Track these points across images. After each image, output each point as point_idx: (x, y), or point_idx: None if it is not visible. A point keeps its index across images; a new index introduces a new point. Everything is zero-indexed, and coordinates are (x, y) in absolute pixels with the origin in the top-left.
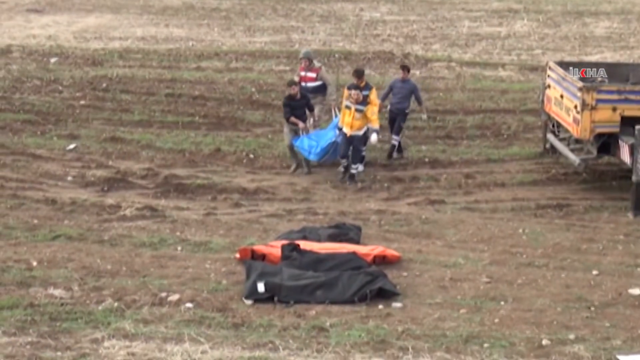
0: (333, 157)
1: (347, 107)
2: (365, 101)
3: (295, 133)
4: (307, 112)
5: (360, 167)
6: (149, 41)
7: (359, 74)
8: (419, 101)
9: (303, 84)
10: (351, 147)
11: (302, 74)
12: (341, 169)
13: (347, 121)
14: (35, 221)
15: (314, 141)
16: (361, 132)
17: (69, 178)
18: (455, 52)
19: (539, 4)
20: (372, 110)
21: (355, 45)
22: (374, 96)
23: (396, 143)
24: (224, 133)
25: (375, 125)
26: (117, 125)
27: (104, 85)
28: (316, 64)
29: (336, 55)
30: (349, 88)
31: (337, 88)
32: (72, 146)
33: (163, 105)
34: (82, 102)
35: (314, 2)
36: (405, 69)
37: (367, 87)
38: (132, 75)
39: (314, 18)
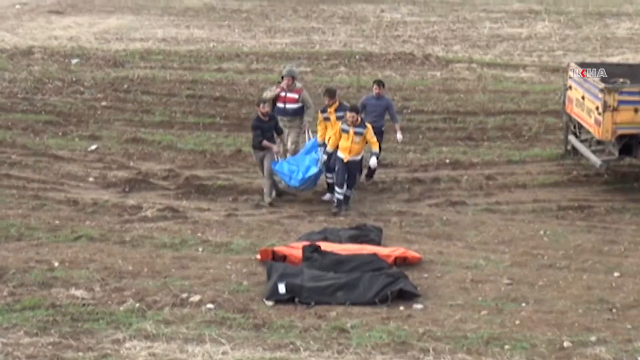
0: (313, 185)
1: (345, 131)
2: (363, 123)
3: (261, 159)
4: (275, 135)
5: (349, 192)
6: (169, 42)
7: (331, 93)
8: (393, 119)
9: (281, 105)
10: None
11: (282, 94)
12: (327, 197)
13: (344, 146)
14: (57, 222)
15: (294, 166)
16: (359, 157)
17: (91, 179)
18: (476, 53)
19: (560, 5)
20: (372, 133)
21: (375, 47)
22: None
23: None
24: (245, 134)
25: (376, 148)
26: (138, 127)
27: (125, 86)
28: (298, 84)
29: (357, 57)
30: (323, 111)
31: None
32: (93, 147)
33: (184, 106)
34: (104, 103)
35: (335, 4)
36: (380, 84)
37: (342, 107)
38: (153, 77)
39: (334, 19)
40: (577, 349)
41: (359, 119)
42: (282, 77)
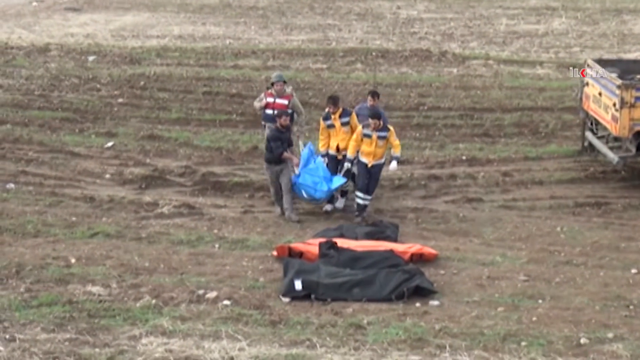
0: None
1: (367, 136)
2: (386, 127)
3: (277, 174)
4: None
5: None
6: (186, 39)
7: (334, 100)
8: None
9: (270, 111)
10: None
11: (271, 100)
12: (328, 208)
13: (368, 151)
14: (74, 218)
15: (315, 177)
16: (382, 161)
17: (107, 176)
18: (493, 50)
19: (577, 2)
20: (395, 135)
21: (392, 44)
22: (355, 122)
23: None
24: (261, 131)
25: (398, 151)
26: (155, 123)
27: (142, 83)
28: (287, 89)
29: (373, 54)
30: (326, 118)
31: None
32: (110, 144)
33: (200, 103)
34: (120, 100)
35: (351, 0)
36: (375, 95)
37: (346, 112)
38: (170, 74)
39: (350, 16)
40: (594, 346)
41: (381, 123)
42: (272, 84)
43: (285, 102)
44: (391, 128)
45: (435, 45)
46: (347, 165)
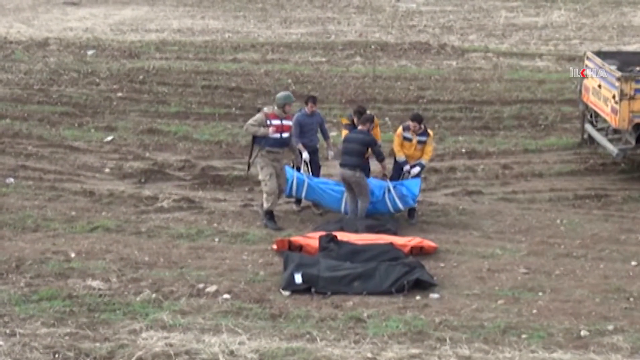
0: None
1: (407, 139)
2: (426, 131)
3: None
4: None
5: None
6: (185, 33)
7: (361, 114)
8: (325, 135)
9: (277, 135)
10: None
11: (278, 122)
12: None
13: (407, 154)
14: (74, 213)
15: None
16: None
17: (107, 170)
18: (492, 43)
19: None
20: (432, 139)
21: (391, 37)
22: (377, 130)
23: None
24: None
25: (427, 159)
26: (154, 117)
27: (141, 77)
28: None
29: (372, 47)
30: (349, 128)
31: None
32: (109, 138)
33: (200, 97)
34: (119, 94)
35: None
36: (314, 100)
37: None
38: (169, 67)
39: (349, 9)
40: (594, 338)
41: (422, 126)
42: (284, 105)
43: (290, 122)
44: (431, 133)
45: (435, 38)
46: (406, 168)
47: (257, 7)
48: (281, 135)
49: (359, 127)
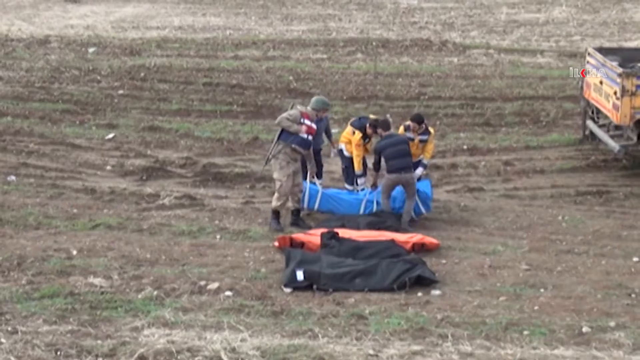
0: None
1: (411, 140)
2: (427, 130)
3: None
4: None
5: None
6: (186, 30)
7: (385, 124)
8: (329, 136)
9: (305, 136)
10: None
11: (309, 123)
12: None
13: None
14: (75, 210)
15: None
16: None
17: (108, 167)
18: (494, 39)
19: None
20: (433, 140)
21: (392, 33)
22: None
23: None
24: (261, 121)
25: (428, 158)
26: (156, 115)
27: (142, 74)
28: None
29: (374, 43)
30: (363, 137)
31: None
32: (110, 135)
33: (201, 94)
34: (121, 91)
35: None
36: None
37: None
38: (170, 65)
39: (351, 6)
40: (596, 334)
41: (423, 126)
42: (319, 110)
43: (315, 126)
44: (432, 131)
45: (436, 35)
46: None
47: (258, 4)
48: (308, 137)
49: (387, 132)
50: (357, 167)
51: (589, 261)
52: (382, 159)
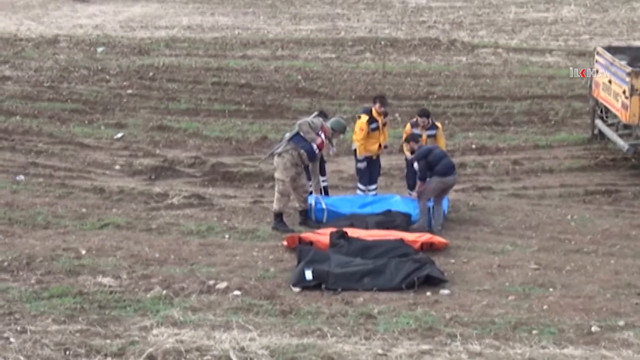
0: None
1: (419, 136)
2: (434, 125)
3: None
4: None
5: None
6: (195, 30)
7: (382, 99)
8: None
9: (316, 149)
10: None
11: (323, 138)
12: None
13: None
14: (84, 210)
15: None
16: None
17: (117, 167)
18: (502, 38)
19: None
20: (442, 133)
21: (401, 32)
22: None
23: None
24: (270, 121)
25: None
26: (164, 114)
27: (151, 74)
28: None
29: (382, 43)
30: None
31: None
32: (119, 135)
33: (209, 93)
34: (129, 91)
35: None
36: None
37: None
38: (179, 64)
39: (359, 5)
40: (605, 334)
41: (430, 121)
42: (336, 132)
43: (326, 143)
44: (439, 125)
45: (444, 34)
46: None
47: (267, 4)
48: (317, 150)
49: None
50: (359, 152)
51: (597, 260)
52: (428, 163)
